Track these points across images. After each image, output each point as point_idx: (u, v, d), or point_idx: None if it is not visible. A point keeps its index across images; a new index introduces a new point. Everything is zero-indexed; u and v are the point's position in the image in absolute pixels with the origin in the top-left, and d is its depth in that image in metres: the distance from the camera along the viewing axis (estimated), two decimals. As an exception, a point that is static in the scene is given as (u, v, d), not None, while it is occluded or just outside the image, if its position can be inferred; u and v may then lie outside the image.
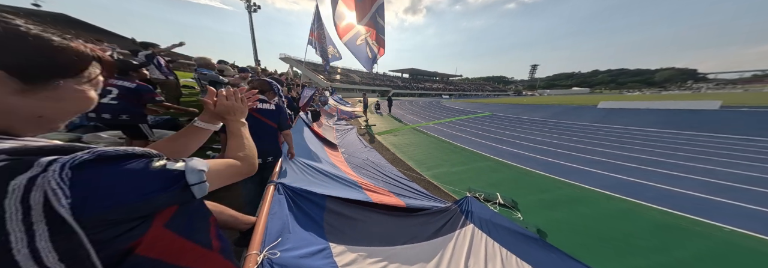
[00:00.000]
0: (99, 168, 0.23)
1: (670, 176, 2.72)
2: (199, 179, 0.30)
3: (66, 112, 0.29)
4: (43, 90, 0.25)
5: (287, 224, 0.74)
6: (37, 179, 0.19)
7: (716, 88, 63.82)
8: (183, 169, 0.29)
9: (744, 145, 4.14)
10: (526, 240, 1.15)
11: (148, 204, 0.26)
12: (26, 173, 0.19)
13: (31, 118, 0.26)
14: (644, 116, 8.70)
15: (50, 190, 0.20)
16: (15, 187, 0.19)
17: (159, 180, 0.27)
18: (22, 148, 0.21)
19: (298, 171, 1.38)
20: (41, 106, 0.26)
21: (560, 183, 2.54)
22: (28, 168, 0.20)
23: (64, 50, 0.26)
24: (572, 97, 37.38)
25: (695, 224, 1.76)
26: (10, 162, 0.20)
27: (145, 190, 0.25)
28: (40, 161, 0.20)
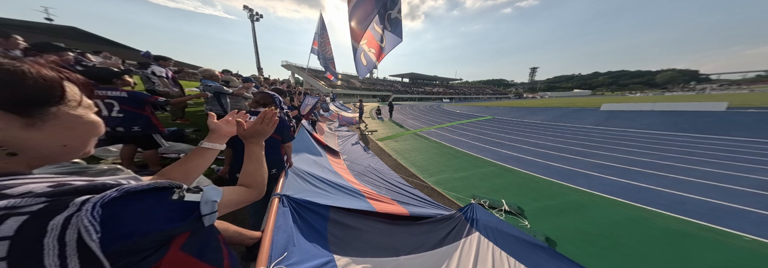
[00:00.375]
0: (125, 204, 0.25)
1: (681, 181, 2.65)
2: (211, 210, 0.32)
3: (82, 138, 0.31)
4: (47, 121, 0.27)
5: (292, 237, 0.75)
6: (72, 218, 0.22)
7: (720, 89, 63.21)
8: (198, 200, 0.31)
9: (755, 147, 4.05)
10: (534, 249, 1.12)
11: (167, 234, 0.29)
12: (63, 213, 0.22)
13: (58, 148, 0.29)
14: (649, 118, 8.60)
15: (83, 227, 0.22)
16: (53, 226, 0.21)
17: (177, 212, 0.29)
18: (60, 190, 0.24)
19: (301, 181, 1.39)
20: (58, 136, 0.29)
21: (567, 189, 2.49)
22: (65, 208, 0.22)
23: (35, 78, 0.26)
24: (574, 99, 37.29)
25: (712, 232, 1.69)
26: (49, 203, 0.22)
27: (164, 222, 0.28)
28: (75, 201, 0.23)
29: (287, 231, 0.76)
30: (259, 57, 16.81)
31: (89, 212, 0.22)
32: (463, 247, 1.17)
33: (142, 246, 0.26)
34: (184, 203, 0.30)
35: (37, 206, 0.21)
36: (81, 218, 0.22)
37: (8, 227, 0.20)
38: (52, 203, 0.22)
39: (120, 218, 0.24)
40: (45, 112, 0.27)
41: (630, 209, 2.05)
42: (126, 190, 0.26)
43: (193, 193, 0.32)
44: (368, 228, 1.16)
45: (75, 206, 0.22)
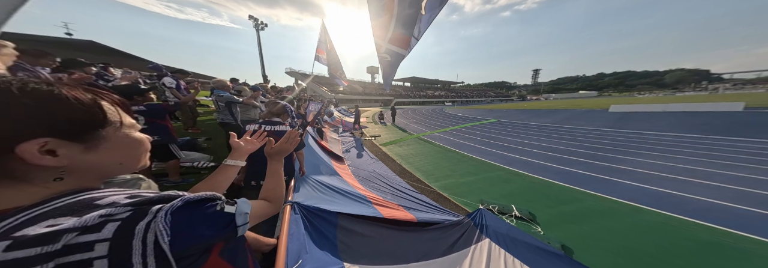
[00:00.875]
0: (186, 212, 0.29)
1: (706, 186, 2.48)
2: (244, 221, 0.36)
3: (133, 155, 0.35)
4: (100, 143, 0.30)
5: (304, 244, 0.76)
6: (151, 224, 0.26)
7: (734, 89, 60.83)
8: (234, 212, 0.34)
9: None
10: (549, 257, 1.08)
11: (211, 240, 0.32)
12: (145, 219, 0.26)
13: (116, 166, 0.33)
14: (662, 120, 8.29)
15: (158, 231, 0.26)
16: (138, 230, 0.25)
17: (221, 221, 0.33)
18: (139, 200, 0.28)
19: (310, 188, 1.41)
20: (113, 156, 0.32)
21: (581, 194, 2.40)
22: (145, 215, 0.26)
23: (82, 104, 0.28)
24: (580, 100, 36.51)
25: (745, 241, 1.57)
26: (134, 212, 0.26)
27: (212, 230, 0.31)
28: (152, 210, 0.27)
29: (300, 238, 0.77)
30: (264, 65, 17.41)
31: (163, 219, 0.27)
32: (473, 254, 1.14)
33: (194, 251, 0.30)
34: (224, 213, 0.34)
35: (125, 213, 0.25)
36: (157, 223, 0.26)
37: (107, 231, 0.24)
38: (136, 211, 0.26)
39: (183, 225, 0.28)
40: (95, 135, 0.30)
41: (653, 216, 1.94)
42: (186, 200, 0.30)
43: (229, 205, 0.35)
44: (376, 235, 1.15)
45: (152, 213, 0.26)
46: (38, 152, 0.25)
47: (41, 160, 0.25)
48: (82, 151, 0.29)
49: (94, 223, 0.23)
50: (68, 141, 0.27)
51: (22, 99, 0.24)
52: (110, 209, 0.25)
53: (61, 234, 0.22)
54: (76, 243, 0.22)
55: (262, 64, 17.50)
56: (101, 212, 0.24)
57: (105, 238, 0.23)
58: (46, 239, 0.21)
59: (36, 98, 0.25)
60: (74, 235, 0.22)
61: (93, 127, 0.29)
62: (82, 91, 0.29)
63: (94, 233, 0.23)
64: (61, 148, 0.27)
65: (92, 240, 0.23)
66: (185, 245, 0.28)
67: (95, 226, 0.23)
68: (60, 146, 0.27)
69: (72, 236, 0.22)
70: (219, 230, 0.32)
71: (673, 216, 1.92)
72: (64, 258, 0.22)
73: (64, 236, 0.22)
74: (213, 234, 0.31)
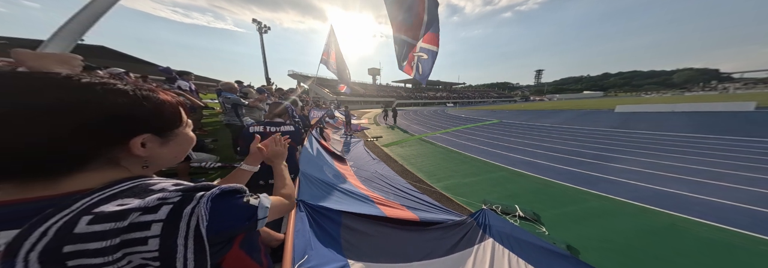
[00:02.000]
0: (222, 201, 0.32)
1: (715, 186, 2.42)
2: (264, 215, 0.38)
3: (186, 150, 0.40)
4: (171, 140, 0.35)
5: (310, 241, 0.77)
6: (195, 208, 0.28)
7: (746, 88, 59.18)
8: (257, 205, 0.37)
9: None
10: (555, 257, 1.07)
11: (237, 230, 0.35)
12: (191, 204, 0.28)
13: (172, 159, 0.38)
14: (670, 120, 8.11)
15: (200, 216, 0.28)
16: (185, 213, 0.27)
17: (247, 212, 0.35)
18: (186, 187, 0.30)
19: (313, 187, 1.43)
20: (175, 151, 0.37)
21: (587, 195, 2.36)
22: (191, 200, 0.29)
23: (172, 107, 0.35)
24: (584, 101, 36.00)
25: (757, 242, 1.53)
26: (183, 196, 0.28)
27: (240, 220, 0.34)
28: (197, 196, 0.29)
29: (305, 235, 0.79)
30: (267, 68, 17.68)
31: (204, 205, 0.29)
32: (476, 253, 1.14)
33: (222, 238, 0.33)
34: (251, 206, 0.36)
35: (177, 198, 0.28)
36: (200, 208, 0.28)
37: (163, 212, 0.26)
38: (185, 196, 0.29)
39: (218, 211, 0.31)
40: (173, 133, 0.35)
41: (662, 216, 1.90)
42: (223, 189, 0.33)
43: (254, 198, 0.38)
44: (379, 234, 1.15)
45: (197, 199, 0.29)
46: (140, 144, 0.30)
47: (138, 150, 0.30)
48: (160, 145, 0.33)
49: (154, 204, 0.26)
50: (156, 136, 0.32)
51: (147, 104, 0.30)
52: (165, 193, 0.27)
53: (129, 213, 0.24)
54: (139, 222, 0.25)
55: (265, 66, 17.78)
56: (158, 195, 0.27)
57: (160, 219, 0.26)
58: (119, 216, 0.24)
59: (149, 102, 0.31)
60: (138, 214, 0.25)
61: (175, 126, 0.35)
62: (170, 95, 0.35)
63: (153, 213, 0.25)
64: (149, 142, 0.32)
65: (151, 220, 0.25)
66: (217, 231, 0.30)
67: (154, 207, 0.26)
68: (149, 141, 0.31)
69: (136, 215, 0.25)
70: (244, 221, 0.35)
71: (681, 217, 1.88)
72: (128, 235, 0.24)
73: (131, 214, 0.24)
74: (239, 224, 0.34)
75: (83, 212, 0.23)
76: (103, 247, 0.23)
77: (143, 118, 0.31)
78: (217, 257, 0.33)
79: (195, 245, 0.27)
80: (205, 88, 11.53)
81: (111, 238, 0.23)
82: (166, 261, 0.26)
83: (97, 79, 0.28)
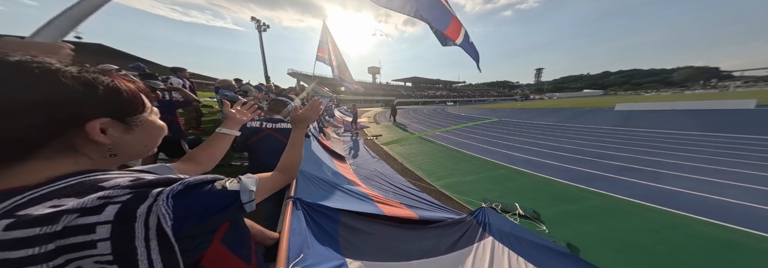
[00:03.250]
0: (187, 195, 0.29)
1: (721, 185, 2.39)
2: (250, 198, 0.36)
3: (156, 139, 0.39)
4: (136, 126, 0.34)
5: (306, 240, 0.76)
6: (152, 207, 0.26)
7: (746, 86, 59.05)
8: (238, 189, 0.35)
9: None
10: (555, 255, 1.06)
11: (216, 221, 0.33)
12: (145, 202, 0.26)
13: (141, 147, 0.36)
14: (670, 118, 8.08)
15: (161, 214, 0.26)
16: (140, 213, 0.25)
17: (224, 201, 0.33)
18: (139, 183, 0.28)
19: (311, 185, 1.41)
20: (142, 138, 0.35)
21: (588, 193, 2.35)
22: (146, 198, 0.26)
23: (130, 91, 0.33)
24: (585, 99, 35.91)
25: (761, 240, 1.51)
26: (134, 194, 0.26)
27: (215, 210, 0.31)
28: (152, 193, 0.27)
29: (301, 234, 0.77)
30: (266, 66, 17.55)
31: (164, 202, 0.27)
32: (476, 252, 1.13)
33: (199, 231, 0.30)
34: (229, 192, 0.34)
35: (126, 196, 0.25)
36: (159, 206, 0.26)
37: (108, 213, 0.23)
38: (137, 194, 0.26)
39: (184, 208, 0.28)
40: (136, 119, 0.34)
41: (664, 214, 1.88)
42: (186, 183, 0.30)
43: (231, 182, 0.35)
44: (378, 232, 1.14)
45: (152, 196, 0.26)
46: (98, 130, 0.29)
47: (99, 136, 0.29)
48: (123, 131, 0.32)
49: (94, 205, 0.23)
50: (117, 121, 0.31)
51: (98, 85, 0.29)
52: (110, 191, 0.25)
53: (60, 215, 0.21)
54: (76, 225, 0.22)
55: (264, 65, 17.65)
56: (100, 194, 0.24)
57: (106, 220, 0.23)
58: (47, 219, 0.21)
59: (102, 84, 0.30)
60: (74, 216, 0.22)
61: (137, 111, 0.34)
62: (128, 80, 0.34)
63: (95, 215, 0.23)
64: (110, 128, 0.30)
65: (93, 222, 0.22)
66: (189, 226, 0.28)
67: (95, 208, 0.23)
68: (110, 126, 0.30)
69: (72, 217, 0.22)
70: (224, 208, 0.33)
71: (682, 214, 1.87)
72: (65, 240, 0.21)
73: (64, 217, 0.21)
74: (218, 212, 0.31)
75: (5, 214, 0.21)
76: (32, 254, 0.20)
77: (95, 100, 0.29)
78: (194, 255, 0.30)
79: (160, 245, 0.25)
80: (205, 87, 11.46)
81: (41, 244, 0.20)
82: (126, 265, 0.24)
83: (31, 58, 0.25)
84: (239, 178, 0.37)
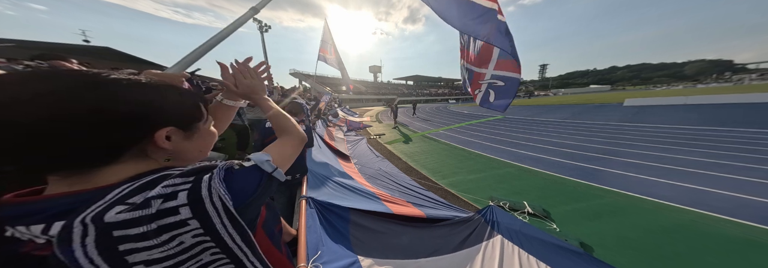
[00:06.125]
0: (230, 177, 0.33)
1: (741, 182, 2.30)
2: (272, 167, 0.38)
3: (210, 145, 0.42)
4: (194, 134, 0.37)
5: (321, 237, 0.77)
6: (211, 190, 0.29)
7: (762, 79, 56.61)
8: (256, 162, 0.37)
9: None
10: (567, 254, 1.04)
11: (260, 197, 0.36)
12: (204, 187, 0.29)
13: (197, 153, 0.39)
14: (682, 113, 7.83)
15: (221, 195, 0.29)
16: (204, 195, 0.29)
17: (255, 176, 0.36)
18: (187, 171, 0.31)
19: (321, 184, 1.43)
20: (199, 145, 0.39)
21: (599, 190, 2.30)
22: (201, 183, 0.29)
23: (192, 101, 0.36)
24: (592, 95, 34.96)
25: None
26: (192, 182, 0.29)
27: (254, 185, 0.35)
28: (204, 178, 0.30)
29: (317, 231, 0.79)
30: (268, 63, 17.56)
31: (219, 185, 0.30)
32: (485, 250, 1.12)
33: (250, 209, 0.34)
34: (250, 168, 0.36)
35: (188, 184, 0.29)
36: (217, 189, 0.29)
37: (181, 198, 0.28)
38: (194, 182, 0.30)
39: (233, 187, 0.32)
40: (196, 127, 0.37)
41: (681, 213, 1.83)
42: (225, 167, 0.33)
43: (246, 161, 0.38)
44: (387, 230, 1.15)
45: (206, 182, 0.30)
46: (164, 137, 0.32)
47: (164, 143, 0.32)
48: (183, 138, 0.35)
49: (167, 192, 0.28)
50: (180, 129, 0.34)
51: (169, 97, 0.33)
52: (173, 180, 0.29)
53: (149, 201, 0.26)
54: (166, 208, 0.27)
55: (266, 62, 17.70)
56: (167, 183, 0.28)
57: (183, 203, 0.27)
58: (143, 205, 0.26)
59: (174, 96, 0.33)
60: (160, 202, 0.27)
61: (197, 120, 0.37)
62: (189, 91, 0.37)
63: (173, 200, 0.27)
64: (173, 134, 0.33)
65: (175, 206, 0.27)
66: (243, 203, 0.32)
67: (170, 194, 0.27)
68: (174, 134, 0.33)
69: (159, 202, 0.27)
70: (259, 182, 0.35)
71: (701, 213, 1.81)
72: (163, 220, 0.26)
73: (152, 202, 0.26)
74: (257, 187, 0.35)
75: (116, 202, 0.26)
76: (143, 232, 0.25)
77: (166, 111, 0.32)
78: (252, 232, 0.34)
79: (231, 221, 0.29)
80: (219, 89, 11.45)
81: (145, 224, 0.25)
82: (213, 235, 0.29)
83: (123, 74, 0.30)
84: (248, 157, 0.39)
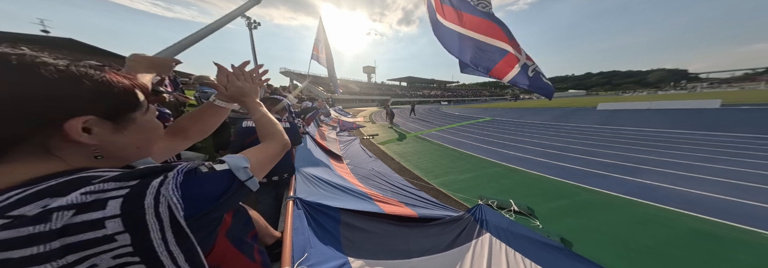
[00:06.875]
0: (189, 183, 0.28)
1: (691, 178, 2.60)
2: (247, 175, 0.33)
3: (151, 140, 0.35)
4: (128, 125, 0.31)
5: (309, 239, 0.75)
6: (159, 198, 0.24)
7: (711, 88, 64.53)
8: (227, 168, 0.32)
9: (757, 143, 4.05)
10: (549, 250, 1.10)
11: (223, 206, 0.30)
12: (149, 194, 0.24)
13: (134, 150, 0.33)
14: (647, 117, 8.68)
15: (172, 205, 0.24)
16: (148, 204, 0.23)
17: (223, 183, 0.31)
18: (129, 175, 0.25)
19: (310, 185, 1.39)
20: (135, 139, 0.32)
21: (577, 188, 2.46)
22: (146, 190, 0.24)
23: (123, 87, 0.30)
24: (570, 99, 37.61)
25: (736, 231, 1.63)
26: (133, 188, 0.24)
27: (218, 193, 0.30)
28: (152, 184, 0.25)
29: (304, 233, 0.76)
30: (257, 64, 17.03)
31: (173, 192, 0.25)
32: (474, 248, 1.15)
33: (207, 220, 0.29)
34: (220, 173, 0.32)
35: (124, 190, 0.24)
36: (168, 196, 0.25)
37: (112, 207, 0.22)
38: (135, 187, 0.24)
39: (191, 195, 0.27)
40: (128, 117, 0.31)
41: (647, 208, 2.01)
42: (184, 170, 0.28)
43: (218, 164, 0.33)
44: (379, 230, 1.14)
45: (154, 187, 0.25)
46: (80, 129, 0.26)
47: (80, 136, 0.26)
48: (112, 131, 0.29)
49: (86, 201, 0.22)
50: (105, 120, 0.28)
51: (84, 80, 0.26)
52: (99, 186, 0.23)
53: (50, 213, 0.20)
54: (80, 222, 0.21)
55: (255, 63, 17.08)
56: (87, 189, 0.22)
57: (113, 214, 0.22)
58: (39, 218, 0.20)
59: (90, 79, 0.27)
60: (71, 214, 0.21)
61: (129, 109, 0.31)
62: (122, 76, 0.31)
63: (98, 210, 0.22)
64: (96, 126, 0.27)
65: (98, 218, 0.21)
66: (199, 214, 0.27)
67: (90, 203, 0.22)
68: (96, 125, 0.27)
69: (68, 215, 0.20)
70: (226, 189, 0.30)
71: (664, 208, 1.99)
72: (73, 238, 0.20)
73: (55, 215, 0.20)
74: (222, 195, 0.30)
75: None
76: (36, 254, 0.19)
77: (80, 96, 0.26)
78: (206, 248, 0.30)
79: (176, 236, 0.24)
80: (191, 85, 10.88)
81: (43, 243, 0.19)
82: (148, 257, 0.23)
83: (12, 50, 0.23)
84: (222, 159, 0.34)
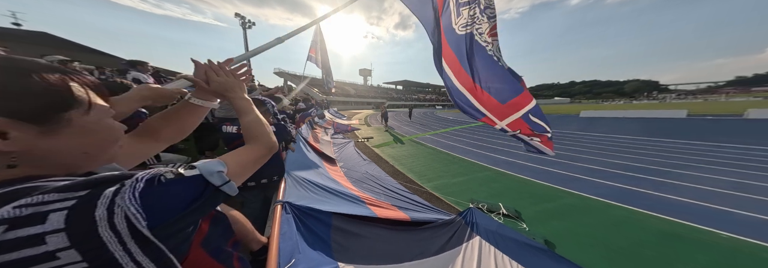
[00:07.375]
0: (151, 190, 0.25)
1: (660, 183, 2.81)
2: (223, 180, 0.30)
3: (101, 144, 0.30)
4: (62, 128, 0.27)
5: (297, 244, 0.73)
6: (114, 209, 0.22)
7: (679, 99, 70.58)
8: (198, 173, 0.29)
9: (719, 151, 4.44)
10: (534, 252, 1.14)
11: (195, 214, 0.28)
12: (102, 205, 0.22)
13: (79, 155, 0.28)
14: (623, 124, 9.31)
15: (131, 215, 0.22)
16: (99, 216, 0.21)
17: (194, 189, 0.28)
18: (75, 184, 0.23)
19: (301, 188, 1.36)
20: (79, 143, 0.28)
21: (562, 192, 2.58)
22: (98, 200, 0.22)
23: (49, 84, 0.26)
24: (555, 106, 39.64)
25: (697, 231, 1.78)
26: (80, 198, 0.21)
27: (187, 201, 0.27)
28: (105, 193, 0.22)
29: (292, 238, 0.74)
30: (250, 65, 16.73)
31: (130, 201, 0.23)
32: (465, 252, 1.17)
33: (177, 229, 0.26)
34: (190, 178, 0.28)
35: (69, 201, 0.21)
36: (124, 206, 0.22)
37: (54, 221, 0.20)
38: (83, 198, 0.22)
39: (154, 203, 0.25)
40: (58, 118, 0.26)
41: (623, 211, 2.14)
42: (144, 177, 0.26)
43: (189, 169, 0.29)
44: (371, 235, 1.13)
45: (106, 197, 0.22)
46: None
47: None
48: (38, 135, 0.25)
49: (22, 215, 0.19)
50: (24, 122, 0.24)
51: None
52: (40, 197, 0.21)
53: None
54: (15, 238, 0.19)
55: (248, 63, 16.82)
56: (21, 202, 0.20)
57: (56, 228, 0.20)
58: None
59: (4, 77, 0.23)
60: (2, 230, 0.19)
61: (55, 108, 0.26)
62: (48, 69, 0.26)
63: (36, 225, 0.19)
64: (13, 130, 0.23)
65: (38, 233, 0.19)
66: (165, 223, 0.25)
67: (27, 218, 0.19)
68: (13, 128, 0.23)
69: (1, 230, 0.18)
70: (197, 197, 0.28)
71: (640, 211, 2.13)
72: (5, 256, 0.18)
73: None
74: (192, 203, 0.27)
75: None
76: None
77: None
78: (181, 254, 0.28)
79: (141, 247, 0.22)
80: (168, 82, 10.29)
81: None
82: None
83: None
84: (193, 165, 0.30)
